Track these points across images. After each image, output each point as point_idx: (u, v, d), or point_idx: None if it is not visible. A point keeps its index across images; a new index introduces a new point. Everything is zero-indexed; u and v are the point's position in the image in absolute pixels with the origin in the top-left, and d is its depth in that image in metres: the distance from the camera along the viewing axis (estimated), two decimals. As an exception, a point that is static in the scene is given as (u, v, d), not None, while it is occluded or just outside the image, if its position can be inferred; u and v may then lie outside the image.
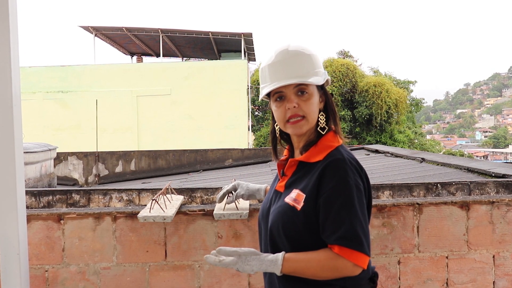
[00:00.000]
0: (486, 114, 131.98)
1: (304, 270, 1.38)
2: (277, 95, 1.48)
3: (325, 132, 1.49)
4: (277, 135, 1.59)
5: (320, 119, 1.49)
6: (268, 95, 1.53)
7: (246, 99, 19.02)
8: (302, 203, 1.40)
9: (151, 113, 18.74)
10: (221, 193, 2.00)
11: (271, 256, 1.41)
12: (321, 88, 1.52)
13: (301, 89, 1.45)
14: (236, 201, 2.23)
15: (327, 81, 1.53)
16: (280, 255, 1.39)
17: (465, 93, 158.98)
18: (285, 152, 1.62)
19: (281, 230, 1.43)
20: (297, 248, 1.41)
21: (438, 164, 5.41)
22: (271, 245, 1.49)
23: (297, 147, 1.55)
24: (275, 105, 1.50)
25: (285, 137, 1.60)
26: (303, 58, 1.47)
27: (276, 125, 1.58)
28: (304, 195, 1.41)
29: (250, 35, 19.87)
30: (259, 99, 1.60)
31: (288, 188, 1.49)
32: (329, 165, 1.39)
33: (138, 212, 2.10)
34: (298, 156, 1.53)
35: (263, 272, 1.51)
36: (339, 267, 1.35)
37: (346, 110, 23.95)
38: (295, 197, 1.43)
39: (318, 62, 1.51)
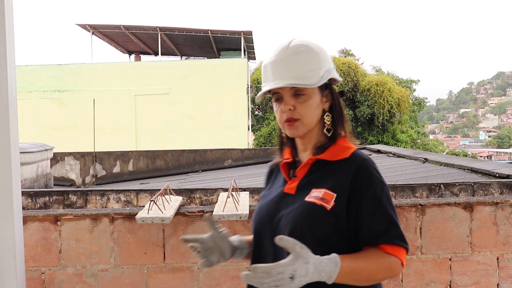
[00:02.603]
0: (490, 113, 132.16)
1: (361, 272, 1.26)
2: (276, 95, 1.42)
3: (330, 133, 1.41)
4: (283, 134, 1.51)
5: (326, 120, 1.41)
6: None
7: (246, 98, 19.00)
8: (332, 203, 1.31)
9: (150, 112, 18.71)
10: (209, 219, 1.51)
11: (325, 257, 1.22)
12: (326, 87, 1.43)
13: (297, 90, 1.38)
14: (236, 202, 2.21)
15: (334, 79, 1.44)
16: (336, 256, 1.22)
17: (469, 92, 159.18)
18: (287, 154, 1.50)
19: (307, 232, 1.31)
20: (328, 252, 1.26)
21: (441, 165, 5.38)
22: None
23: (302, 149, 1.47)
24: (274, 106, 1.44)
25: (291, 138, 1.50)
26: (301, 57, 1.39)
27: None
28: (335, 194, 1.32)
29: (250, 33, 19.84)
30: (257, 100, 1.50)
31: (303, 189, 1.38)
32: (363, 165, 1.34)
33: (136, 213, 2.08)
34: (304, 159, 1.44)
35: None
36: (393, 266, 1.29)
37: (347, 109, 23.89)
38: (323, 196, 1.32)
39: (320, 60, 1.41)
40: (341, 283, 1.25)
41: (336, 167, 1.37)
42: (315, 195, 1.34)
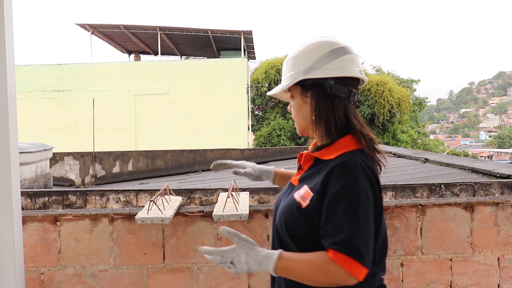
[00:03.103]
0: (491, 113, 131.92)
1: (296, 270, 1.31)
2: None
3: (326, 133, 1.43)
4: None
5: (312, 122, 1.45)
6: None
7: (246, 98, 18.99)
8: (308, 201, 1.35)
9: (149, 112, 18.69)
10: (220, 161, 1.87)
11: (267, 251, 1.35)
12: (311, 87, 1.42)
13: (291, 94, 1.48)
14: (236, 202, 2.20)
15: (316, 79, 1.41)
16: (276, 252, 1.33)
17: (470, 92, 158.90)
18: (311, 145, 1.55)
19: (284, 225, 1.40)
20: (301, 246, 1.36)
21: (441, 165, 5.38)
22: (277, 241, 1.45)
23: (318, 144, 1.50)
24: None
25: None
26: (286, 62, 1.48)
27: None
28: (312, 194, 1.35)
29: (250, 33, 19.82)
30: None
31: (301, 182, 1.45)
32: (337, 167, 1.33)
33: (136, 214, 2.07)
34: (316, 152, 1.47)
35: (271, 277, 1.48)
36: (331, 272, 1.27)
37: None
38: (303, 194, 1.38)
39: (293, 64, 1.44)
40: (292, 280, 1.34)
41: (323, 166, 1.39)
42: (300, 191, 1.40)
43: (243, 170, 1.85)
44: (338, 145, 1.40)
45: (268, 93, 1.56)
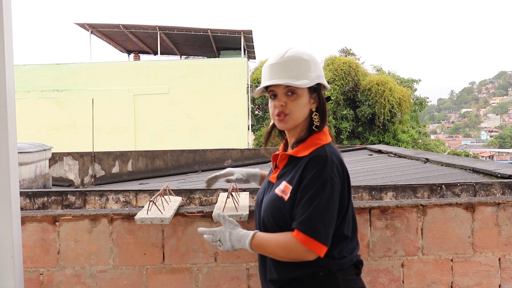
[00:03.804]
0: (492, 113, 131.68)
1: (266, 248, 1.56)
2: (271, 93, 1.68)
3: (312, 130, 1.65)
4: (269, 128, 1.80)
5: (314, 118, 1.66)
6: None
7: (246, 98, 18.98)
8: (288, 194, 1.56)
9: (149, 112, 18.69)
10: (210, 177, 2.10)
11: (245, 231, 1.62)
12: (315, 90, 1.67)
13: (290, 90, 1.63)
14: (235, 202, 2.19)
15: (322, 85, 1.68)
16: (251, 232, 1.60)
17: (470, 92, 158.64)
18: (281, 146, 1.79)
19: (271, 219, 1.59)
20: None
21: (442, 165, 5.37)
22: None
23: (290, 142, 1.71)
24: (269, 102, 1.71)
25: (283, 132, 1.77)
26: (296, 62, 1.64)
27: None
28: (291, 187, 1.56)
29: (250, 32, 19.81)
30: (255, 95, 1.80)
31: (279, 179, 1.66)
32: (310, 161, 1.55)
33: (135, 214, 2.06)
34: (292, 148, 1.68)
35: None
36: (292, 249, 1.50)
37: (348, 109, 23.83)
38: (283, 189, 1.59)
39: (312, 67, 1.65)
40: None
41: (298, 162, 1.60)
42: (280, 187, 1.61)
43: (234, 177, 2.05)
44: (310, 142, 1.62)
45: (275, 82, 1.64)
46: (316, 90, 1.67)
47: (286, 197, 1.56)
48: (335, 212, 1.52)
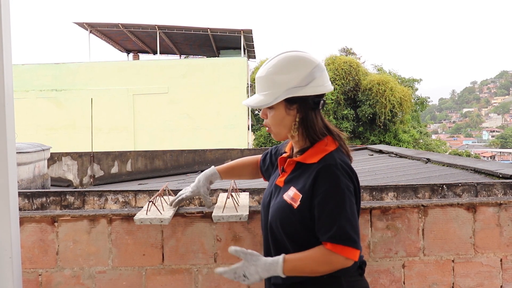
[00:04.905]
0: (493, 113, 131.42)
1: (303, 268, 1.54)
2: None
3: (308, 139, 1.63)
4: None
5: (293, 129, 1.63)
6: None
7: (246, 97, 18.94)
8: (298, 202, 1.56)
9: (148, 112, 18.67)
10: (176, 200, 2.10)
11: (271, 259, 1.57)
12: (295, 102, 1.60)
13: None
14: (235, 203, 2.17)
15: (306, 97, 1.59)
16: (280, 257, 1.55)
17: (472, 92, 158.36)
18: (288, 147, 1.77)
19: (279, 225, 1.60)
20: (295, 242, 1.59)
21: (443, 165, 5.37)
22: (271, 238, 1.66)
23: (295, 148, 1.71)
24: None
25: None
26: (264, 78, 1.62)
27: None
28: (301, 195, 1.56)
29: (250, 31, 19.80)
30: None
31: (287, 184, 1.65)
32: (322, 170, 1.54)
33: (134, 214, 2.05)
34: (295, 156, 1.68)
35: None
36: (333, 261, 1.51)
37: (349, 109, 23.81)
38: (293, 196, 1.58)
39: (278, 83, 1.58)
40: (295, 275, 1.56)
41: (308, 170, 1.60)
42: (289, 193, 1.61)
43: (179, 197, 2.09)
44: (317, 148, 1.61)
45: (245, 103, 1.71)
46: (298, 100, 1.60)
47: (295, 205, 1.56)
48: (357, 215, 1.58)
